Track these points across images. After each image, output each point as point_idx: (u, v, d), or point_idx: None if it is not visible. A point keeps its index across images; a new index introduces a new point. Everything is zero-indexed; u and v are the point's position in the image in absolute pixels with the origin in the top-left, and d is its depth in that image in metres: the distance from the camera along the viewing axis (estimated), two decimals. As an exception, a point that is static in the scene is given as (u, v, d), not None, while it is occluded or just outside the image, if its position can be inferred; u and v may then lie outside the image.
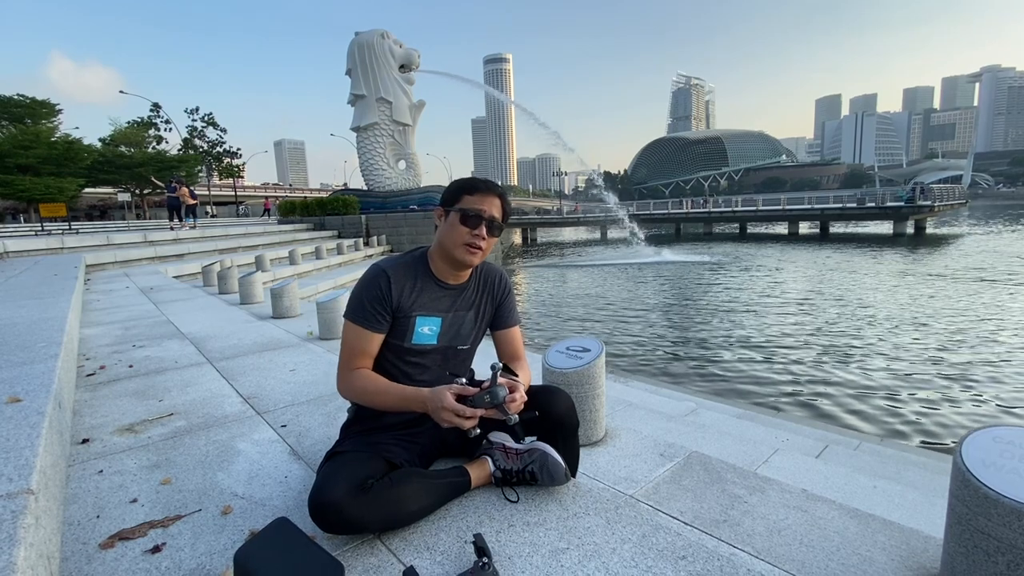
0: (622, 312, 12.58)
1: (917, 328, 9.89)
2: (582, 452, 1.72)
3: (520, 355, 1.75)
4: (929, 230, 34.27)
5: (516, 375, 1.48)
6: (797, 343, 9.09)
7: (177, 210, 16.41)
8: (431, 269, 1.61)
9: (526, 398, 1.43)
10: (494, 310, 1.74)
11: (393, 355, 1.59)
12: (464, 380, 1.42)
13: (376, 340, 1.55)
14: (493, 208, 1.54)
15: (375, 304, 1.52)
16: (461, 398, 1.37)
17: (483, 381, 1.42)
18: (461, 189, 1.55)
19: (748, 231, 40.09)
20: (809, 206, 39.42)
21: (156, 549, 1.35)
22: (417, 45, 27.50)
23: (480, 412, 1.35)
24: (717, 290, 15.46)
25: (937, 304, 12.14)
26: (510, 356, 1.74)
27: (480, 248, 1.53)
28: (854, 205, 36.59)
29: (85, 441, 2.09)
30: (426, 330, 1.59)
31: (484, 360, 1.85)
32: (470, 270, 1.66)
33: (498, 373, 1.39)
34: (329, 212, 22.20)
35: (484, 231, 1.52)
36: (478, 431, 1.38)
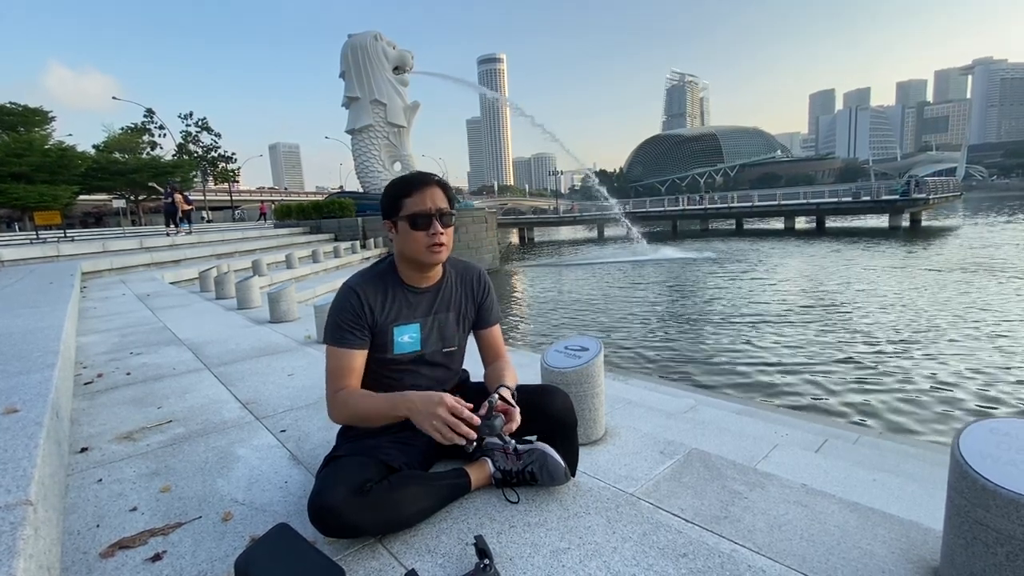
0: (620, 310, 12.60)
1: (914, 320, 9.93)
2: (582, 451, 1.72)
3: (502, 353, 1.74)
4: (925, 223, 34.41)
5: (509, 398, 1.47)
6: (795, 338, 9.11)
7: (173, 215, 16.39)
8: (400, 277, 1.59)
9: (519, 420, 1.42)
10: (476, 309, 1.73)
11: (381, 368, 1.59)
12: (498, 396, 1.42)
13: (359, 357, 1.53)
14: (436, 200, 1.50)
15: (349, 321, 1.51)
16: (458, 416, 1.33)
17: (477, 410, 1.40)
18: (398, 195, 1.51)
19: (744, 227, 40.17)
20: (805, 201, 39.55)
21: (157, 557, 1.35)
22: (412, 46, 27.47)
23: (472, 435, 1.32)
24: (715, 286, 15.49)
25: (935, 296, 12.19)
26: (492, 355, 1.74)
27: (443, 244, 1.51)
28: (850, 199, 36.74)
29: (84, 450, 2.08)
30: (406, 339, 1.58)
31: (476, 360, 1.85)
32: (441, 269, 1.65)
33: (495, 404, 1.39)
34: (325, 215, 22.16)
35: (438, 227, 1.49)
36: (473, 446, 1.36)
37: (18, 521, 1.06)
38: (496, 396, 1.42)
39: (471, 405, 1.36)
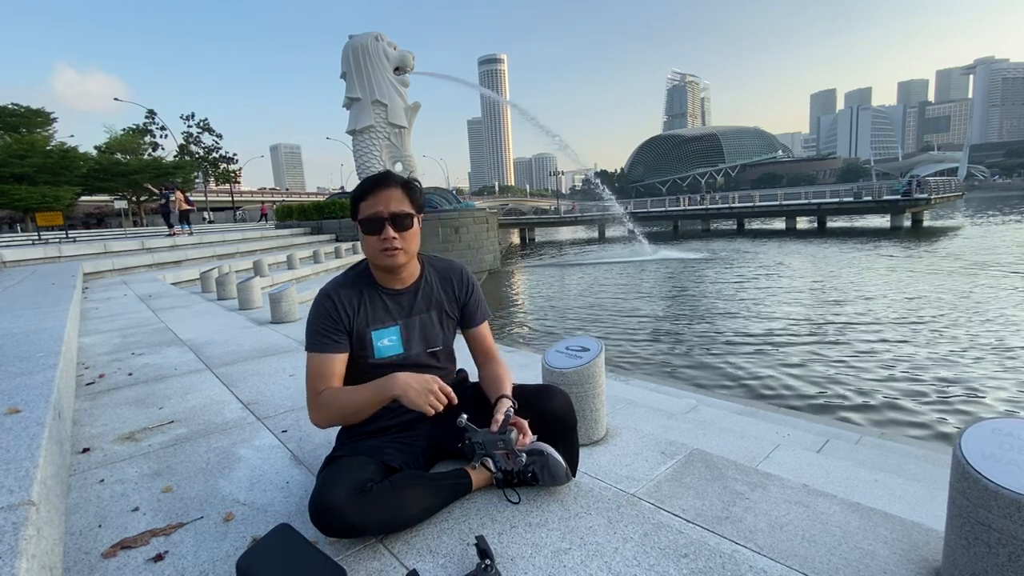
0: (621, 310, 12.59)
1: (916, 320, 9.91)
2: (583, 451, 1.72)
3: (493, 352, 1.73)
4: (926, 222, 34.36)
5: (517, 407, 1.50)
6: (797, 338, 9.10)
7: (168, 217, 16.39)
8: (375, 280, 1.59)
9: (532, 434, 1.47)
10: (460, 308, 1.71)
11: (365, 372, 1.57)
12: (466, 417, 1.44)
13: (338, 361, 1.52)
14: (390, 203, 1.47)
15: (326, 327, 1.51)
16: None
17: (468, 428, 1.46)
18: (356, 199, 1.51)
19: (746, 227, 40.13)
20: (806, 201, 39.48)
21: (159, 557, 1.35)
22: (413, 47, 27.49)
23: (450, 392, 1.41)
24: (716, 286, 15.48)
25: (937, 295, 12.16)
26: (483, 356, 1.73)
27: (396, 248, 1.48)
28: (851, 199, 36.68)
29: (86, 450, 2.09)
30: (385, 342, 1.57)
31: (468, 360, 1.84)
32: (417, 268, 1.63)
33: (511, 418, 1.43)
34: (326, 216, 22.18)
35: (389, 231, 1.47)
36: (465, 417, 1.42)
37: (20, 521, 1.07)
38: (511, 410, 1.44)
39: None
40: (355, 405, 1.46)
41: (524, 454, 1.47)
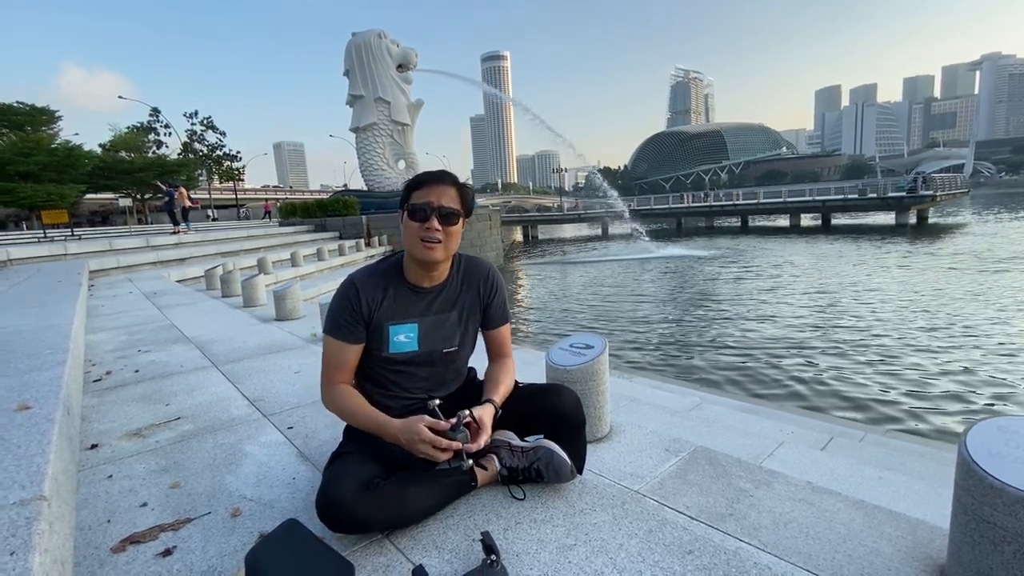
0: (625, 308, 12.58)
1: (921, 318, 9.87)
2: (588, 449, 1.73)
3: (506, 353, 1.73)
4: (931, 220, 34.19)
5: (487, 418, 1.47)
6: (801, 335, 9.07)
7: (173, 214, 16.46)
8: (404, 274, 1.58)
9: (483, 444, 1.43)
10: (482, 309, 1.69)
11: (378, 365, 1.58)
12: (439, 401, 1.44)
13: (353, 351, 1.53)
14: (442, 197, 1.47)
15: (345, 315, 1.51)
16: (436, 430, 1.37)
17: (451, 418, 1.41)
18: (409, 187, 1.51)
19: (749, 224, 39.99)
20: (810, 198, 39.31)
21: (167, 552, 1.37)
22: (415, 45, 27.44)
23: (456, 446, 1.37)
24: (719, 284, 15.44)
25: (941, 293, 12.10)
26: (495, 354, 1.73)
27: (436, 240, 1.47)
28: (856, 196, 36.51)
29: (94, 447, 2.11)
30: (402, 338, 1.56)
31: (478, 358, 1.85)
32: (448, 269, 1.61)
33: (463, 421, 1.40)
34: (330, 213, 22.22)
35: (435, 222, 1.46)
36: (436, 402, 1.42)
37: (33, 516, 1.08)
38: (466, 412, 1.42)
39: (446, 424, 1.38)
40: (355, 423, 1.53)
41: (470, 459, 1.43)
